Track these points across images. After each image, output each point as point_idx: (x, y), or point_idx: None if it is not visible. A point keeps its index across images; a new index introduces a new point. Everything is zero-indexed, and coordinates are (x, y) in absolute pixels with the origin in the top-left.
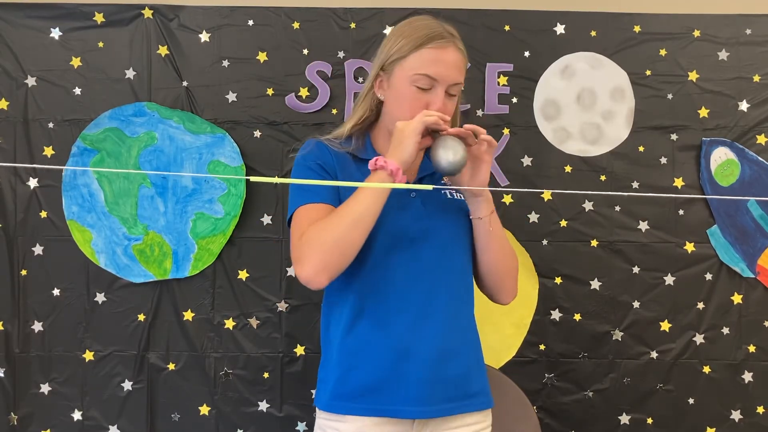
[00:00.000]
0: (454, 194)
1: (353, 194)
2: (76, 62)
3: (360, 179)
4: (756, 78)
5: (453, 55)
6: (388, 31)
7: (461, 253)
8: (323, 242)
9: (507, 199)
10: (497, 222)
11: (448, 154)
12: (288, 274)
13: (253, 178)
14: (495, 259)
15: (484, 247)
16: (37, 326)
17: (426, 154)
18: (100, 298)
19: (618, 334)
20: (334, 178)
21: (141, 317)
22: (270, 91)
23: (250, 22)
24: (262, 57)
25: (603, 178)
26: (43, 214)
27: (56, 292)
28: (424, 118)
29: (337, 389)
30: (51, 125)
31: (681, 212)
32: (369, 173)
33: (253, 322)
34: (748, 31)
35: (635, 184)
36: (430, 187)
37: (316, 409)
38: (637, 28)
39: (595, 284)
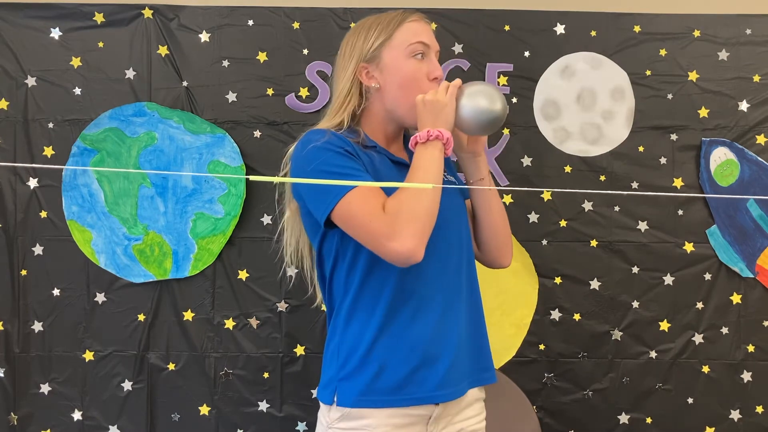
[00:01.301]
0: (447, 176)
1: (415, 165)
2: (76, 62)
3: (380, 167)
4: (756, 78)
5: (428, 26)
6: None
7: (468, 233)
8: (418, 211)
9: (507, 199)
10: (492, 182)
11: (497, 99)
12: (288, 274)
13: (253, 177)
14: (497, 221)
15: (487, 209)
16: (37, 326)
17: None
18: (100, 298)
19: (617, 334)
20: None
21: (141, 317)
22: (270, 91)
23: (250, 22)
24: (262, 57)
25: (603, 178)
26: (43, 214)
27: (56, 292)
28: (453, 83)
29: (372, 385)
30: (51, 125)
31: (680, 212)
32: (383, 159)
33: (253, 322)
34: (748, 31)
35: (635, 184)
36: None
37: (333, 407)
38: (637, 28)
39: (595, 284)
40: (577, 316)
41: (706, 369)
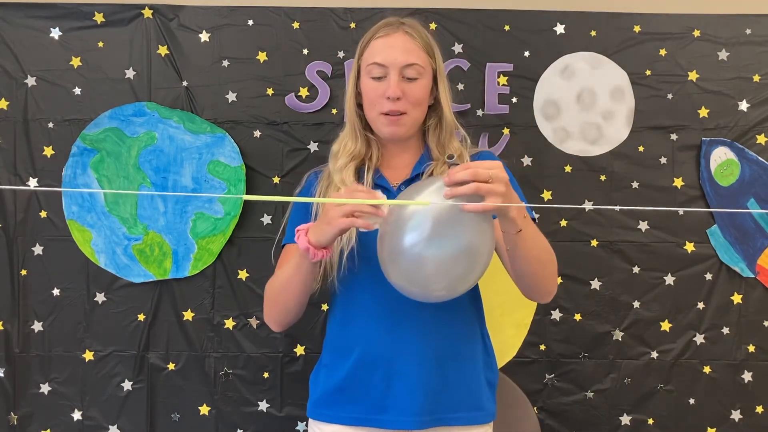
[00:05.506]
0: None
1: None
2: (76, 62)
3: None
4: (756, 78)
5: (400, 39)
6: None
7: None
8: (269, 297)
9: None
10: (530, 230)
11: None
12: None
13: (247, 197)
14: (523, 267)
15: (512, 255)
16: (37, 326)
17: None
18: (100, 298)
19: (618, 334)
20: None
21: (141, 317)
22: (270, 91)
23: (250, 22)
24: (262, 57)
25: (603, 178)
26: (43, 214)
27: (56, 292)
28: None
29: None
30: (51, 125)
31: (681, 212)
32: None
33: (253, 322)
34: (748, 31)
35: (635, 184)
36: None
37: None
38: (637, 28)
39: (596, 284)
40: (577, 317)
41: (707, 369)
